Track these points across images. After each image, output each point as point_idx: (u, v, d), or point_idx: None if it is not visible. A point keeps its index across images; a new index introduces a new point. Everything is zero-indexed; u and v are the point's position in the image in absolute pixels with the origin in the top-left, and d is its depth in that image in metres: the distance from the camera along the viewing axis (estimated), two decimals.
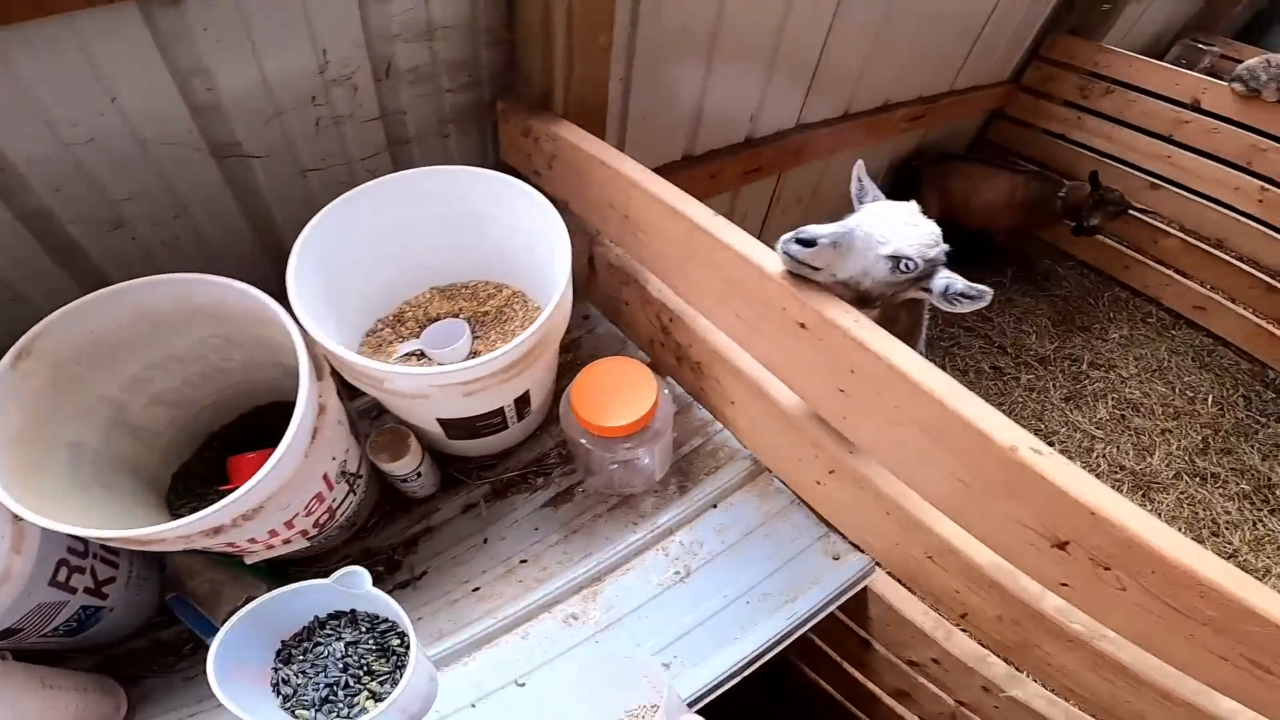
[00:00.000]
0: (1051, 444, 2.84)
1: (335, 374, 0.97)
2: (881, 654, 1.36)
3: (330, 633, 0.91)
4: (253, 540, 0.92)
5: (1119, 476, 2.74)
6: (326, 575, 0.84)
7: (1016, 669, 1.14)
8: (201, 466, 1.14)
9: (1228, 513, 2.63)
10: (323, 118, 1.14)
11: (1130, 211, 3.05)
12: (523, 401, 1.17)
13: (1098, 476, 2.68)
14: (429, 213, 1.17)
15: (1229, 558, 2.45)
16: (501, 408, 1.13)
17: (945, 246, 0.93)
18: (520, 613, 1.11)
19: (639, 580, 1.17)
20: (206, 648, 0.77)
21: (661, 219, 1.07)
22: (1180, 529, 2.55)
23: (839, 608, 1.23)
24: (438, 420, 1.10)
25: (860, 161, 0.96)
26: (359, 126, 1.20)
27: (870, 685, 1.47)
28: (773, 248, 0.91)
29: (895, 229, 0.88)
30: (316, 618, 0.92)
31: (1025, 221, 3.28)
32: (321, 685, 0.87)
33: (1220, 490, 2.72)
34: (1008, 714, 1.18)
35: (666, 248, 1.10)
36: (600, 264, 1.34)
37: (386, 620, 0.93)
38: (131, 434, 1.02)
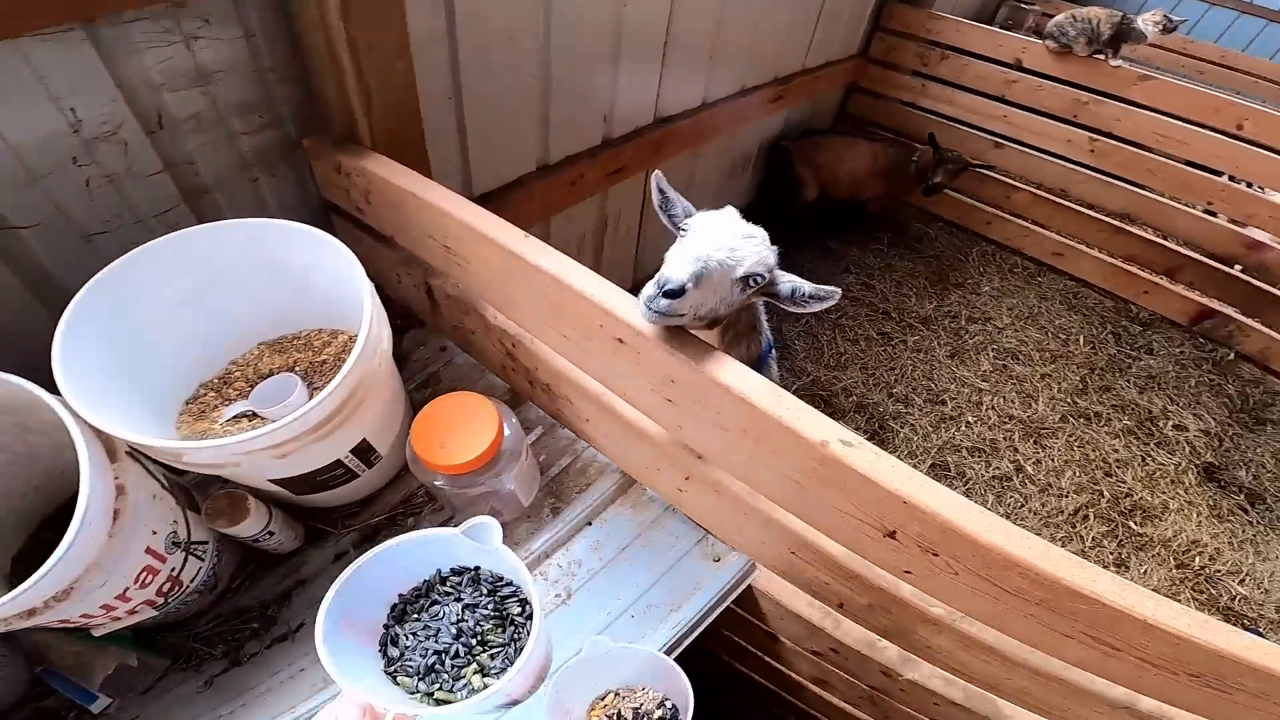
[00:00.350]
0: (943, 400, 3.03)
1: None
2: (789, 645, 1.38)
3: (450, 590, 0.85)
4: (86, 616, 0.87)
5: (1010, 426, 2.90)
6: (197, 640, 0.77)
7: (905, 652, 1.17)
8: (38, 548, 1.05)
9: (1116, 451, 2.83)
10: (93, 178, 1.04)
11: (974, 168, 3.27)
12: (365, 450, 1.11)
13: (988, 427, 2.89)
14: (242, 266, 1.09)
15: (1125, 497, 2.64)
16: (339, 459, 1.07)
17: (776, 248, 0.94)
18: None
19: None
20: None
21: (477, 246, 1.03)
22: (1074, 473, 2.73)
23: (736, 605, 1.24)
24: (273, 481, 1.04)
25: (658, 172, 0.95)
26: (141, 182, 1.10)
27: (791, 673, 1.49)
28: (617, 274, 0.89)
29: (738, 247, 0.87)
30: (439, 571, 0.87)
31: (889, 187, 3.45)
32: (430, 652, 0.81)
33: (1105, 429, 2.92)
34: (913, 696, 1.22)
35: (489, 275, 1.06)
36: (439, 295, 1.29)
37: (510, 584, 0.87)
38: None
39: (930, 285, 3.50)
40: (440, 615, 0.84)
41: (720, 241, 0.86)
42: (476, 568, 0.88)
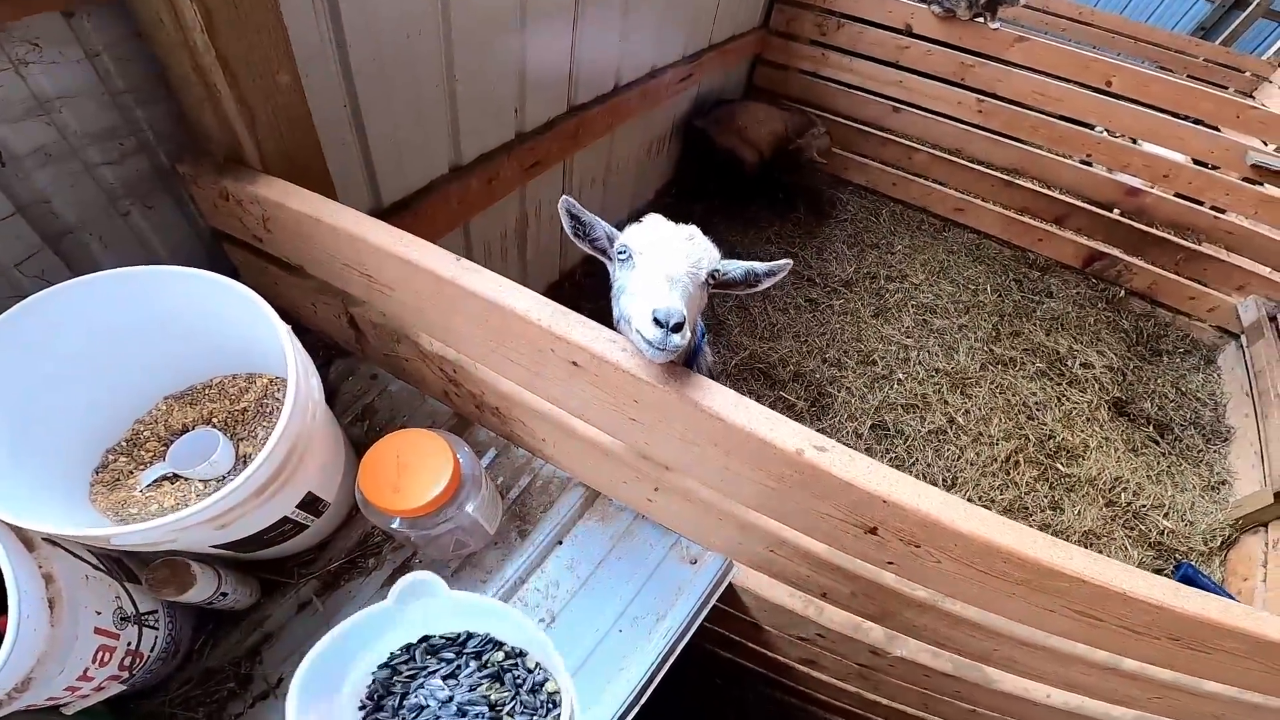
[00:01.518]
0: (874, 360, 3.12)
1: None
2: (774, 633, 1.38)
3: (413, 671, 0.77)
4: (52, 699, 0.83)
5: (937, 380, 3.02)
6: (175, 705, 0.67)
7: (892, 631, 1.19)
8: None
9: (1034, 394, 3.00)
10: None
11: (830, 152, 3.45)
12: (311, 502, 1.01)
13: (918, 382, 2.99)
14: (129, 320, 0.96)
15: (1049, 439, 2.80)
16: (286, 516, 0.97)
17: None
18: None
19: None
20: None
21: (402, 274, 0.94)
22: (999, 420, 2.88)
23: (718, 602, 1.22)
24: (215, 546, 0.93)
25: (566, 198, 0.91)
26: None
27: (779, 657, 1.50)
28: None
29: (690, 252, 0.86)
30: (393, 655, 0.78)
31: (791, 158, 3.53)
32: None
33: (1021, 373, 3.09)
34: (902, 670, 1.24)
35: (420, 302, 0.97)
36: (364, 324, 1.18)
37: (477, 635, 0.80)
38: None
39: (848, 249, 3.59)
40: (422, 701, 0.78)
41: (675, 252, 0.84)
42: (425, 638, 0.82)
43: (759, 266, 0.89)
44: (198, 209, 1.17)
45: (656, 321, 0.75)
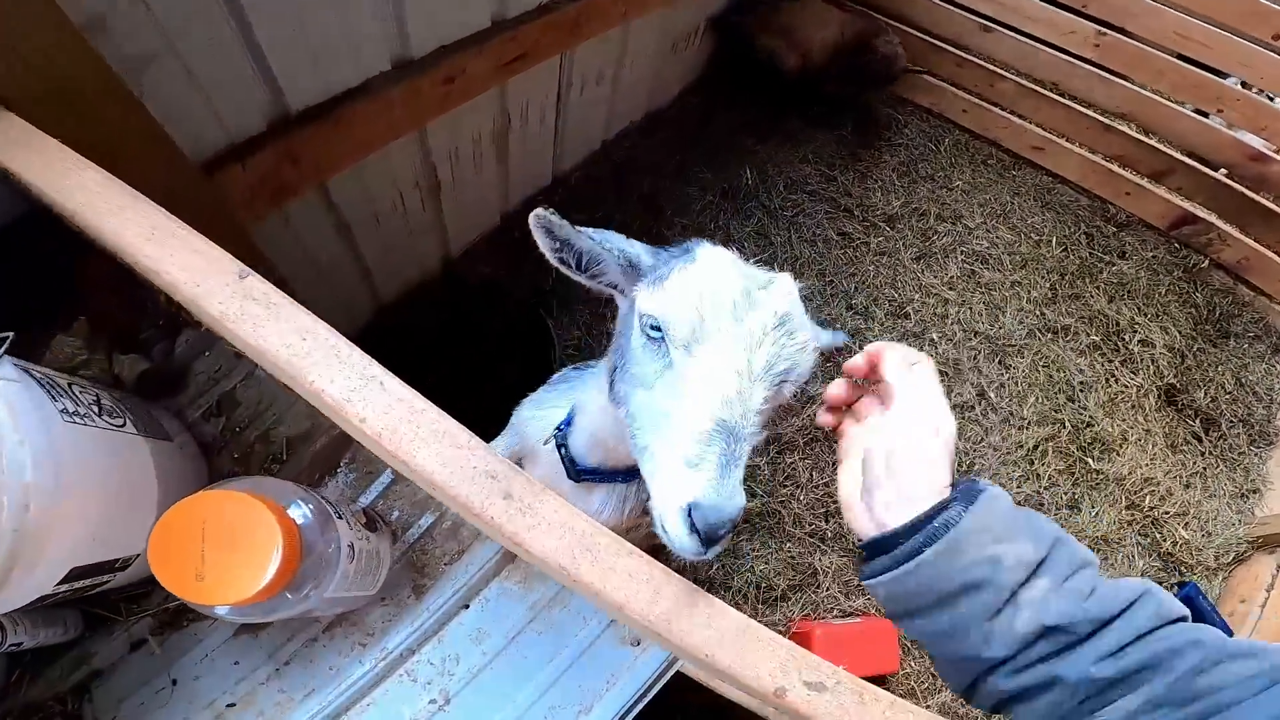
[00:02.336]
0: (907, 313, 2.74)
1: None
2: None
3: None
4: None
5: (975, 344, 2.66)
6: None
7: None
8: None
9: (1081, 371, 2.63)
10: None
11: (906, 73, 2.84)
12: (96, 569, 0.74)
13: (953, 345, 2.64)
14: None
15: (1085, 427, 2.46)
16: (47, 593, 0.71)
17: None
18: None
19: (386, 715, 0.88)
20: None
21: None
22: (1036, 399, 2.50)
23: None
24: None
25: (539, 211, 0.57)
26: None
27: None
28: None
29: (783, 356, 0.59)
30: None
31: (850, 70, 2.95)
32: None
33: (1072, 344, 2.70)
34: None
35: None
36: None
37: None
38: None
39: (897, 178, 3.09)
40: None
41: (750, 353, 0.56)
42: None
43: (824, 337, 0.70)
44: None
45: (694, 527, 0.51)
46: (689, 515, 0.51)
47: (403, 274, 2.11)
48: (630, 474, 0.87)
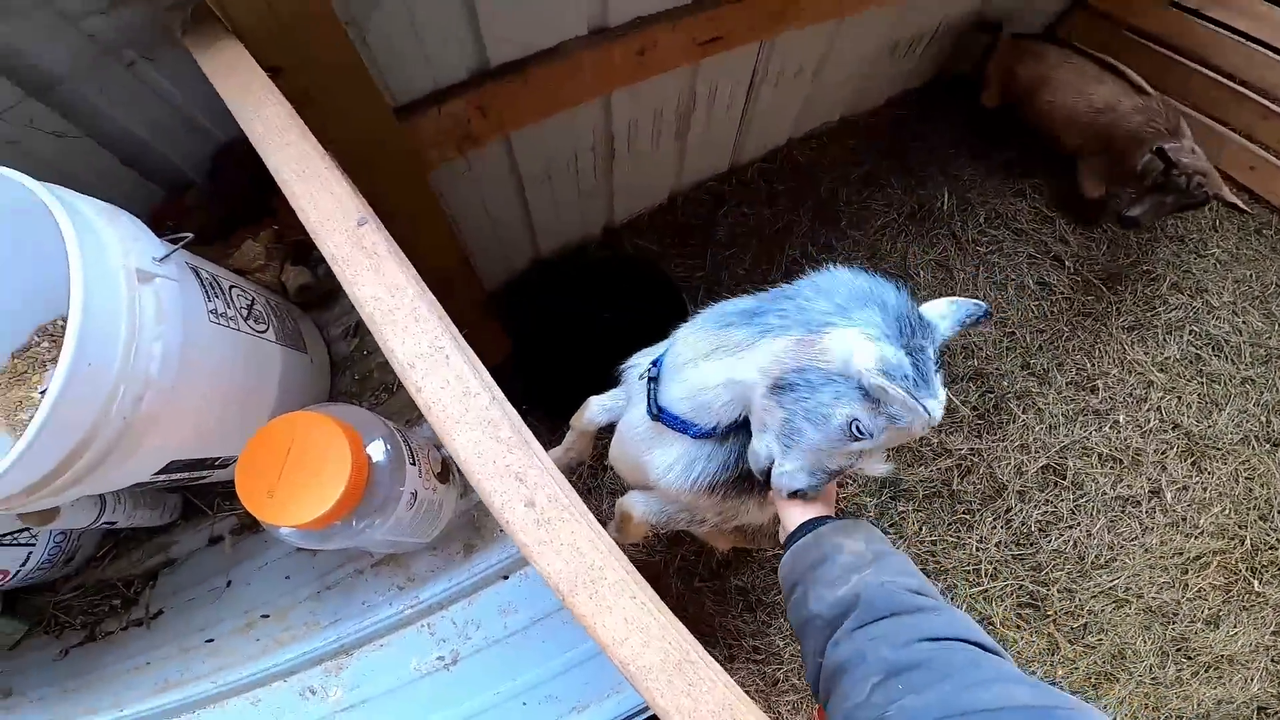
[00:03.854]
0: (1095, 387, 2.36)
1: None
2: None
3: None
4: None
5: (1168, 437, 2.24)
6: (59, 607, 0.78)
7: None
8: None
9: None
10: None
11: (1214, 202, 2.23)
12: (192, 465, 0.87)
13: (1141, 433, 2.25)
14: None
15: (1269, 549, 2.05)
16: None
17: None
18: (253, 677, 0.95)
19: (394, 659, 0.96)
20: None
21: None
22: (1221, 511, 2.10)
23: None
24: None
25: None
26: None
27: None
28: None
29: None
30: None
31: (1106, 159, 2.47)
32: None
33: None
34: None
35: None
36: None
37: None
38: None
39: (1135, 233, 2.62)
40: None
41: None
42: None
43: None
44: None
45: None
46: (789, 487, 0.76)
47: (565, 233, 2.20)
48: (707, 434, 0.85)
